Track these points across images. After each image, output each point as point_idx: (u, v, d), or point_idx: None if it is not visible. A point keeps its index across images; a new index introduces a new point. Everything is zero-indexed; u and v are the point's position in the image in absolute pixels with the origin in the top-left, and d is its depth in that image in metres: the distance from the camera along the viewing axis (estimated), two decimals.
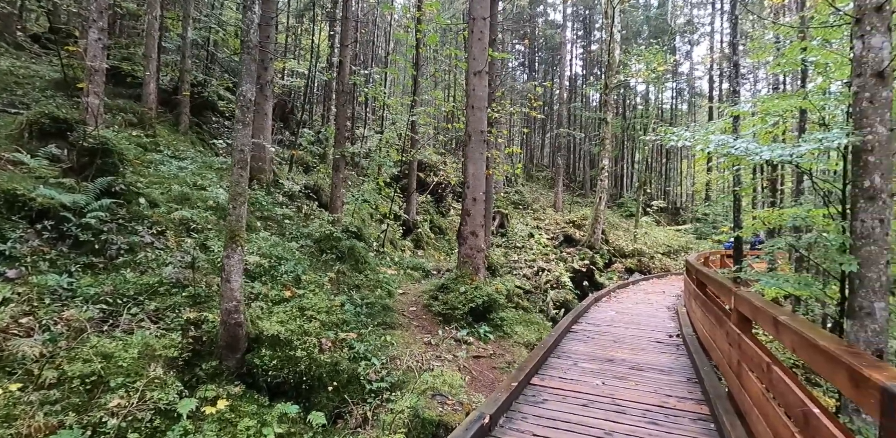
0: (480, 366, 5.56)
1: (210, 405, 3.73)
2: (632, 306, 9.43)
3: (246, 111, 4.37)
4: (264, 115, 10.53)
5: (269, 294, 5.60)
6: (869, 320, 4.36)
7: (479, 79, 7.21)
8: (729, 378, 3.80)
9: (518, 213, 23.15)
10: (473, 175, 7.14)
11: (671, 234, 24.32)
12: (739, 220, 7.36)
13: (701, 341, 5.72)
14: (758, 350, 2.99)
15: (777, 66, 6.30)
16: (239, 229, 4.22)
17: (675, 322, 7.68)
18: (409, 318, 6.49)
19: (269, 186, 10.32)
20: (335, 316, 5.63)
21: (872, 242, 4.39)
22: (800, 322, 2.44)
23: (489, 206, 10.61)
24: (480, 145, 7.18)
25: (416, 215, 12.62)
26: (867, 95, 4.53)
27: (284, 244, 7.43)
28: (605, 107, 21.02)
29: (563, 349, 5.73)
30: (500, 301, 6.72)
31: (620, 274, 17.79)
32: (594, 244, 18.68)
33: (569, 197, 29.89)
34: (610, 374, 4.76)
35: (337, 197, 8.72)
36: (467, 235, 7.10)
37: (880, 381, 1.44)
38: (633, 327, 7.23)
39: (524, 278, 13.56)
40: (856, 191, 4.54)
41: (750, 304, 3.23)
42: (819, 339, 2.02)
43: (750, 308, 3.25)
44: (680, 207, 33.92)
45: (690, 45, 39.52)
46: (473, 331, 6.31)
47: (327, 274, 7.18)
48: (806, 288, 4.76)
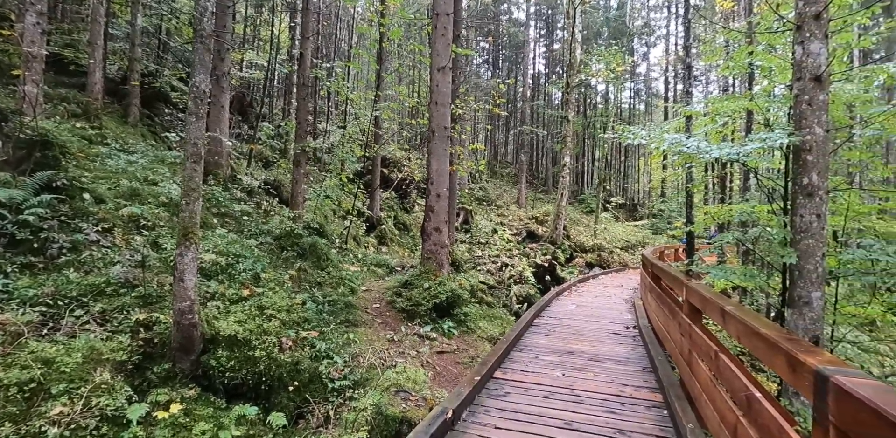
0: (444, 362, 5.59)
1: (162, 409, 3.58)
2: (591, 299, 9.70)
3: (199, 103, 4.19)
4: (220, 108, 10.15)
5: (226, 293, 5.42)
6: (807, 309, 4.65)
7: (442, 76, 7.19)
8: (681, 366, 3.97)
9: (482, 210, 23.34)
10: (437, 171, 7.14)
11: (629, 230, 25.18)
12: (691, 216, 7.71)
13: (656, 332, 5.96)
14: (706, 339, 3.14)
15: (726, 69, 6.60)
16: (192, 226, 4.05)
17: (632, 314, 7.96)
18: (372, 315, 6.43)
19: (227, 182, 9.97)
20: (296, 314, 5.51)
21: (810, 236, 4.67)
22: (744, 312, 2.57)
23: (453, 202, 10.65)
24: (444, 141, 7.18)
25: (380, 211, 12.51)
26: (806, 98, 4.81)
27: (242, 241, 7.20)
28: (566, 106, 21.46)
29: (525, 342, 5.83)
30: (463, 296, 6.77)
31: (581, 269, 18.27)
32: (556, 239, 19.10)
33: (532, 193, 30.40)
34: (570, 366, 4.88)
35: (298, 192, 8.51)
36: (431, 231, 7.09)
37: (814, 365, 1.54)
38: (592, 320, 7.44)
39: (488, 273, 13.71)
40: (795, 188, 4.83)
41: (700, 296, 3.39)
42: (761, 327, 2.14)
43: (700, 299, 3.40)
44: (637, 203, 35.15)
45: (647, 47, 40.93)
46: (437, 327, 6.32)
47: (288, 271, 7.01)
48: (751, 280, 5.04)
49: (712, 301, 3.03)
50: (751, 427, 2.08)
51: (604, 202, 26.99)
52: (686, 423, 3.15)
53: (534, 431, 3.27)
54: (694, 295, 3.59)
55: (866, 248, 5.26)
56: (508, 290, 11.65)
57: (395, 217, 13.33)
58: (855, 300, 5.59)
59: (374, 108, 9.71)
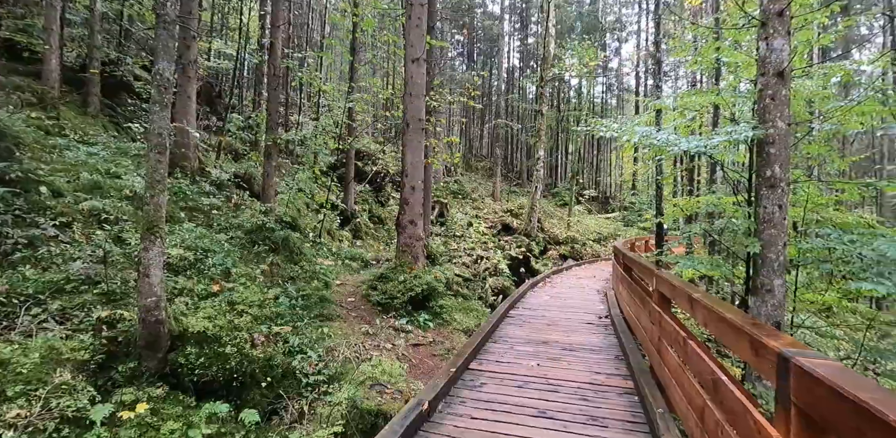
0: (420, 354, 5.59)
1: (128, 409, 3.46)
2: (565, 290, 9.87)
3: (163, 91, 4.03)
4: (187, 98, 9.81)
5: (194, 288, 5.26)
6: (769, 296, 4.84)
7: (417, 67, 7.11)
8: (651, 353, 4.08)
9: (457, 203, 23.37)
10: (412, 163, 7.08)
11: (601, 222, 25.67)
12: (661, 208, 7.91)
13: (627, 321, 6.10)
14: (675, 326, 3.22)
15: (695, 64, 6.75)
16: (158, 219, 3.90)
17: (605, 304, 8.13)
18: (347, 309, 6.37)
19: (195, 174, 9.66)
20: (268, 309, 5.41)
21: (773, 226, 4.85)
22: (711, 299, 2.65)
23: (428, 195, 10.62)
24: (419, 133, 7.13)
25: (355, 205, 12.36)
26: (770, 93, 4.96)
27: (212, 236, 7.01)
28: (540, 100, 21.61)
29: (500, 334, 5.89)
30: (439, 289, 6.77)
31: (555, 261, 18.55)
32: (530, 232, 19.31)
33: (507, 186, 30.60)
34: (544, 356, 4.96)
35: (269, 185, 8.32)
36: (406, 224, 7.05)
37: (776, 348, 1.59)
38: (566, 310, 7.57)
39: (464, 266, 13.77)
40: (759, 180, 4.99)
41: (669, 284, 3.47)
42: (726, 313, 2.20)
43: (669, 288, 3.49)
44: (609, 196, 35.85)
45: (619, 43, 41.49)
46: (413, 320, 6.31)
47: (260, 266, 6.87)
48: (717, 269, 5.21)
49: (681, 289, 3.11)
50: (717, 410, 2.15)
51: (577, 195, 27.42)
52: (656, 408, 3.24)
53: (508, 420, 3.30)
54: (663, 284, 3.68)
55: (824, 237, 5.50)
56: (484, 283, 11.73)
57: (370, 210, 13.20)
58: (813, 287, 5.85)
59: (348, 100, 9.54)
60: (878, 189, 7.82)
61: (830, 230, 5.30)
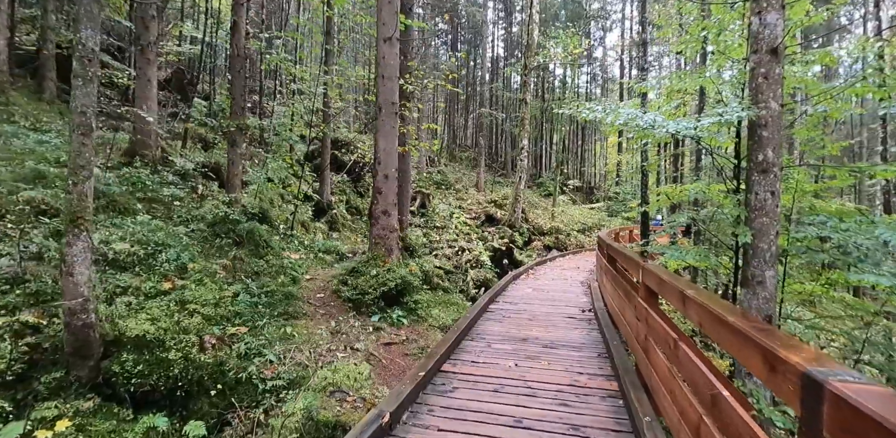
0: (392, 354, 5.22)
1: (47, 427, 3.03)
2: (548, 282, 9.58)
3: (87, 64, 3.52)
4: (147, 82, 9.17)
5: (141, 286, 4.80)
6: (760, 288, 4.56)
7: (389, 47, 6.64)
8: (637, 352, 3.77)
9: (440, 193, 22.96)
10: (385, 150, 6.64)
11: (586, 212, 25.53)
12: (646, 196, 7.60)
13: (611, 315, 5.81)
14: (665, 325, 2.89)
15: (682, 45, 6.41)
16: (82, 210, 3.42)
17: (588, 296, 7.85)
18: (315, 306, 5.96)
19: (156, 164, 9.07)
20: (225, 308, 4.97)
21: (765, 214, 4.55)
22: (707, 296, 2.31)
23: (406, 185, 10.18)
24: (392, 118, 6.68)
25: (331, 195, 11.87)
26: (762, 71, 4.63)
27: (169, 228, 6.51)
28: (524, 88, 21.18)
29: (478, 330, 5.54)
30: (414, 283, 6.39)
31: (539, 252, 18.32)
32: (514, 223, 19.02)
33: (491, 177, 30.25)
34: (523, 354, 4.63)
35: (234, 175, 7.81)
36: (379, 215, 6.63)
37: (800, 366, 1.24)
38: (548, 303, 7.27)
39: (445, 258, 13.41)
40: (750, 164, 4.68)
41: (657, 278, 3.14)
42: (728, 315, 1.86)
43: (657, 281, 3.16)
44: (594, 187, 35.77)
45: (604, 32, 41.15)
46: (386, 317, 5.93)
47: (221, 260, 6.40)
48: (705, 260, 4.93)
49: (670, 283, 2.77)
50: (717, 431, 1.81)
51: (561, 185, 27.22)
52: (643, 416, 2.92)
53: (480, 431, 2.95)
54: (651, 277, 3.35)
55: (817, 226, 5.25)
56: (465, 275, 11.40)
57: (347, 201, 12.72)
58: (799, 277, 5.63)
59: (319, 84, 8.99)
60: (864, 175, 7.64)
61: (826, 217, 5.04)
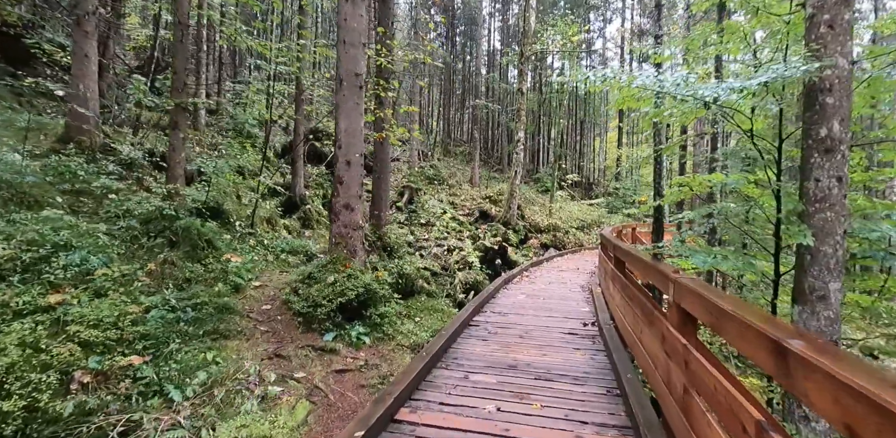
0: (344, 385, 4.11)
1: None
2: (544, 287, 8.47)
3: None
4: (84, 58, 8.02)
5: (11, 301, 3.66)
6: (822, 305, 3.45)
7: (352, 6, 5.49)
8: (665, 403, 2.65)
9: (433, 189, 21.86)
10: (347, 131, 5.51)
11: (585, 209, 24.45)
12: (661, 187, 6.49)
13: (620, 332, 4.72)
14: (724, 382, 1.78)
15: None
16: None
17: (590, 305, 6.76)
18: (257, 322, 4.84)
19: (95, 151, 7.92)
20: (128, 329, 3.85)
21: (828, 207, 3.44)
22: (830, 352, 1.21)
23: (385, 176, 9.06)
24: (356, 93, 5.54)
25: (305, 189, 10.73)
26: (826, 18, 3.50)
27: (83, 226, 5.37)
28: (520, 78, 20.02)
29: (455, 352, 4.44)
30: (381, 292, 5.27)
31: (536, 250, 17.24)
32: (510, 220, 17.93)
33: (486, 172, 29.14)
34: (509, 391, 3.52)
35: (176, 163, 6.67)
36: (340, 209, 5.51)
37: None
38: (544, 314, 6.16)
39: (434, 258, 12.32)
40: (808, 142, 3.56)
41: (702, 301, 2.04)
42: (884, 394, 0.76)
43: (702, 306, 2.06)
44: (593, 182, 34.66)
45: (604, 23, 39.92)
46: (343, 335, 4.82)
47: (147, 264, 5.27)
48: (747, 268, 3.84)
49: (734, 316, 1.67)
50: None
51: (559, 181, 26.11)
52: None
53: None
54: (690, 298, 2.24)
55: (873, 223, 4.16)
56: (453, 277, 10.29)
57: (324, 196, 11.58)
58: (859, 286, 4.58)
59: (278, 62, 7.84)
60: None
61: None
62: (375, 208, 9.02)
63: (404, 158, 25.29)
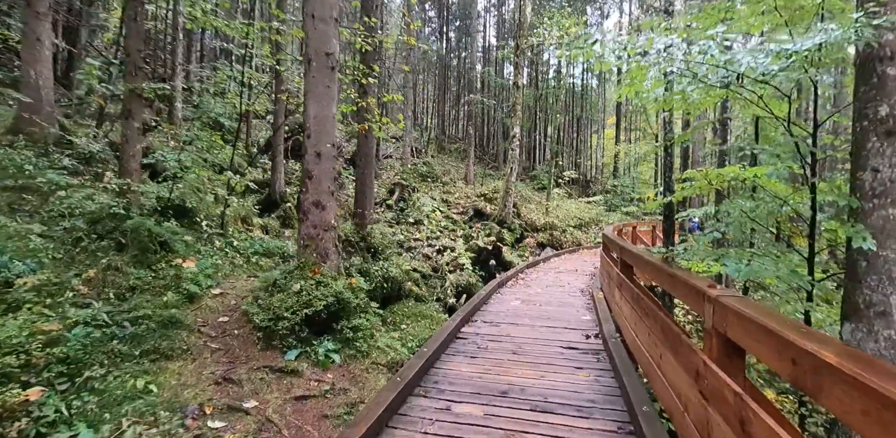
0: (304, 415, 3.45)
1: None
2: (541, 291, 7.83)
3: None
4: (35, 42, 7.32)
5: None
6: (881, 322, 2.82)
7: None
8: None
9: (426, 186, 21.20)
10: (317, 118, 4.84)
11: (582, 207, 23.85)
12: (671, 182, 5.83)
13: (629, 348, 4.09)
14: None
15: None
16: None
17: (592, 312, 6.13)
18: (208, 338, 4.18)
19: (48, 144, 7.22)
20: (34, 352, 3.18)
21: (891, 203, 2.81)
22: None
23: (369, 171, 8.38)
24: (326, 75, 4.87)
25: (286, 186, 10.04)
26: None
27: (11, 226, 4.69)
28: (516, 71, 19.37)
29: (438, 374, 3.79)
30: (355, 302, 4.60)
31: (532, 250, 16.64)
32: (505, 218, 17.32)
33: (481, 169, 28.51)
34: (498, 428, 2.88)
35: (130, 156, 5.98)
36: (309, 207, 4.84)
37: None
38: (540, 324, 5.53)
39: (424, 258, 11.67)
40: (864, 124, 2.93)
41: (772, 338, 1.40)
42: None
43: (769, 345, 1.42)
44: (590, 180, 34.06)
45: (601, 18, 39.26)
46: (309, 352, 4.16)
47: (87, 271, 4.60)
48: (795, 278, 3.20)
49: (861, 380, 1.02)
50: None
51: (556, 178, 25.49)
52: None
53: None
54: (750, 333, 1.60)
55: None
56: (444, 280, 9.65)
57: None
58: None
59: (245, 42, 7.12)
60: None
61: None
62: (359, 206, 8.35)
63: (397, 155, 24.62)
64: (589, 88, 40.13)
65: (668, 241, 6.18)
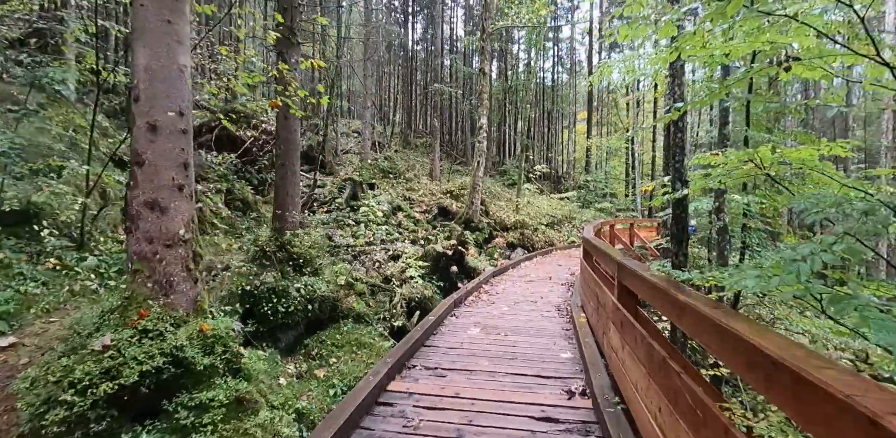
0: None
1: None
2: (508, 310, 6.28)
3: None
4: None
5: None
6: None
7: None
8: None
9: (387, 183, 19.50)
10: (150, 70, 3.09)
11: (555, 203, 22.56)
12: (682, 170, 4.26)
13: (636, 425, 2.55)
14: None
15: None
16: None
17: (573, 345, 4.61)
18: None
19: None
20: None
21: None
22: None
23: (292, 161, 6.60)
24: (166, 4, 3.13)
25: (197, 183, 8.15)
26: None
27: None
28: (482, 57, 17.79)
29: None
30: (204, 363, 2.89)
31: (502, 251, 15.17)
32: (472, 217, 15.78)
33: (449, 165, 26.94)
34: None
35: None
36: (140, 210, 3.09)
37: None
38: (505, 369, 3.95)
39: (375, 265, 9.99)
40: None
41: None
42: None
43: None
44: (562, 176, 32.97)
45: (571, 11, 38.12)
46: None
47: None
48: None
49: None
50: None
51: (527, 173, 24.14)
52: None
53: None
54: None
55: None
56: (393, 293, 7.99)
57: (229, 191, 9.03)
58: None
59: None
60: None
61: None
62: (280, 207, 6.59)
63: (356, 150, 22.77)
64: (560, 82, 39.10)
65: (680, 250, 4.57)
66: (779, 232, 9.77)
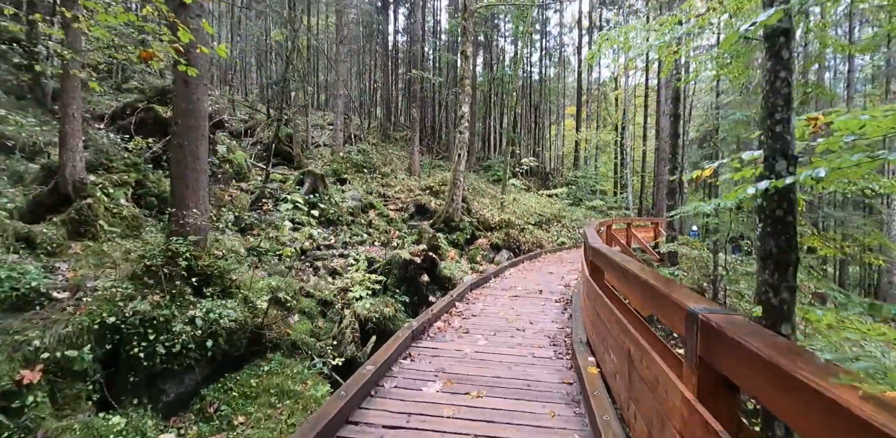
0: None
1: None
2: (484, 346, 4.59)
3: None
4: None
5: None
6: None
7: None
8: None
9: (360, 178, 17.73)
10: None
11: (543, 201, 20.96)
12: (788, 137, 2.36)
13: None
14: None
15: None
16: None
17: (581, 421, 2.96)
18: None
19: None
20: None
21: None
22: None
23: (193, 146, 4.80)
24: None
25: (85, 171, 6.31)
26: None
27: None
28: (464, 38, 16.09)
29: None
30: None
31: (485, 253, 13.53)
32: (453, 215, 14.13)
33: (430, 160, 25.20)
34: None
35: None
36: None
37: None
38: None
39: (330, 275, 8.28)
40: None
41: None
42: None
43: None
44: (550, 172, 31.45)
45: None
46: None
47: None
48: None
49: None
50: None
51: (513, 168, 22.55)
52: None
53: None
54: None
55: None
56: (341, 316, 6.27)
57: (138, 183, 7.19)
58: None
59: None
60: None
61: None
62: (177, 204, 4.82)
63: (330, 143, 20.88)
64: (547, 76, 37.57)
65: (782, 283, 2.75)
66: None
